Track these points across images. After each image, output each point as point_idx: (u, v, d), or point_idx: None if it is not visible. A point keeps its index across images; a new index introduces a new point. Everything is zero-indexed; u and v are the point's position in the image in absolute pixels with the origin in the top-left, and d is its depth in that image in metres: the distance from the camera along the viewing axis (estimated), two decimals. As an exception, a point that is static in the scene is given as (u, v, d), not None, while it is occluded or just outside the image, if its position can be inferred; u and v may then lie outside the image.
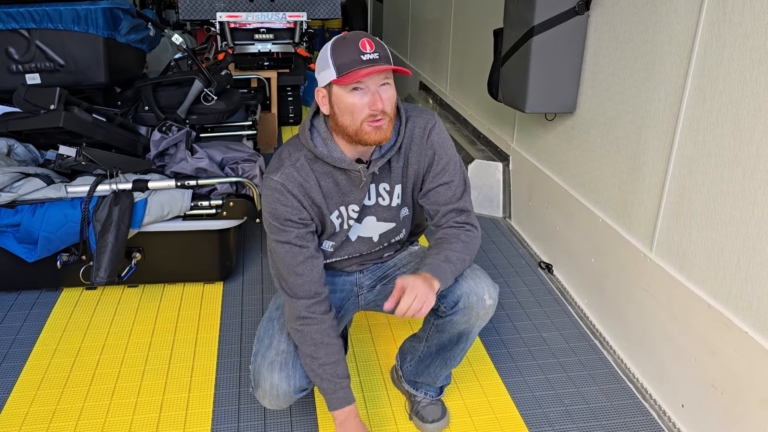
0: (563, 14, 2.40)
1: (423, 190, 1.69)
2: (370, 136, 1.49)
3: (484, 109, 3.68)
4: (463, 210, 1.67)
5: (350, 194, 1.63)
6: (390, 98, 1.49)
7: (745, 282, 1.63)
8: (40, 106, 2.67)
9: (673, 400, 1.95)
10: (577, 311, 2.54)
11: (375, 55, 1.43)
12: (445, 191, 1.66)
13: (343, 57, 1.43)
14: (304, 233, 1.60)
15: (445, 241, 1.64)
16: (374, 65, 1.42)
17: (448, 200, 1.66)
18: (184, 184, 2.53)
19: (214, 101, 3.20)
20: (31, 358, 2.23)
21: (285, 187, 1.56)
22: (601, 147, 2.37)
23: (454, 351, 1.77)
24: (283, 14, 4.49)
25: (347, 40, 1.45)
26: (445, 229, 1.67)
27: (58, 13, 2.79)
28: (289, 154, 1.60)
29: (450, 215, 1.67)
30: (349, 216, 1.67)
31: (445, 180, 1.65)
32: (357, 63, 1.42)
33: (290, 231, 1.58)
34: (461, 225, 1.66)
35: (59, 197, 2.42)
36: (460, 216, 1.67)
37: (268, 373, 1.62)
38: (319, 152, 1.56)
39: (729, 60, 1.67)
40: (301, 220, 1.59)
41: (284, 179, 1.56)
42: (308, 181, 1.58)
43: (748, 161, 1.61)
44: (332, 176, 1.60)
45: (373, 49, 1.44)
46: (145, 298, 2.61)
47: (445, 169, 1.65)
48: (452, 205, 1.66)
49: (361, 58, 1.42)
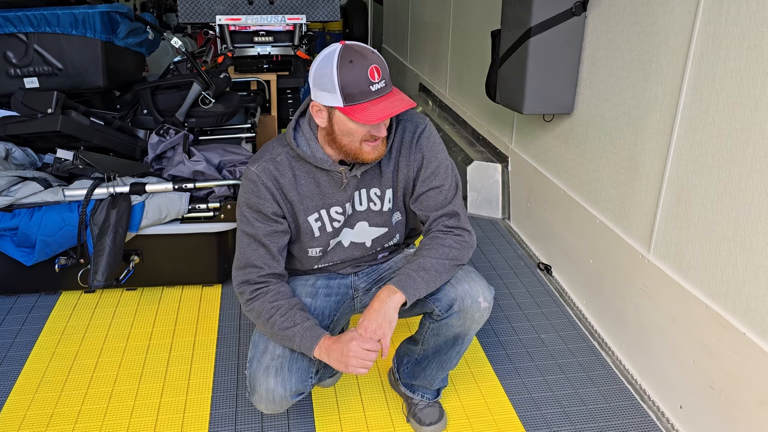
0: (560, 15, 2.40)
1: (414, 195, 1.68)
2: (369, 156, 1.52)
3: (483, 110, 3.68)
4: (453, 214, 1.66)
5: (332, 196, 1.63)
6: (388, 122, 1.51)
7: (742, 283, 1.63)
8: (38, 110, 2.67)
9: (671, 402, 1.94)
10: (576, 312, 2.54)
11: (382, 84, 1.43)
12: (436, 196, 1.65)
13: (351, 86, 1.40)
14: (272, 230, 1.61)
15: (425, 247, 1.64)
16: (383, 96, 1.43)
17: (438, 205, 1.66)
18: (181, 187, 2.53)
19: (212, 104, 3.20)
20: (29, 361, 2.23)
21: (260, 178, 1.58)
22: (598, 148, 2.37)
23: (450, 354, 1.76)
24: (283, 17, 4.49)
25: (354, 64, 1.40)
26: (432, 234, 1.66)
27: (56, 17, 2.80)
28: (272, 148, 1.61)
29: (440, 220, 1.66)
30: (332, 218, 1.66)
31: (436, 184, 1.65)
32: (366, 95, 1.41)
33: (259, 226, 1.60)
34: (450, 229, 1.65)
35: (57, 201, 2.42)
36: (450, 220, 1.66)
37: (263, 378, 1.62)
38: (301, 152, 1.57)
39: (725, 60, 1.67)
40: (273, 214, 1.60)
41: (260, 171, 1.58)
42: (284, 177, 1.59)
43: (745, 162, 1.60)
44: (314, 176, 1.61)
45: (381, 77, 1.43)
46: (143, 301, 2.61)
47: (435, 173, 1.65)
48: (442, 210, 1.66)
49: (371, 89, 1.41)
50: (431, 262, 1.60)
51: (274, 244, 1.62)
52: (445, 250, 1.62)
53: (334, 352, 1.53)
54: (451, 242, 1.63)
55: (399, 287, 1.55)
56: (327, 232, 1.68)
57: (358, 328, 1.55)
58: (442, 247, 1.62)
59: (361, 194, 1.66)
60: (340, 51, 1.42)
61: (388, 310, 1.54)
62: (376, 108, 1.41)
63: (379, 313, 1.53)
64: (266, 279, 1.62)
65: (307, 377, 1.64)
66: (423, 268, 1.58)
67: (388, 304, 1.54)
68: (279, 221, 1.62)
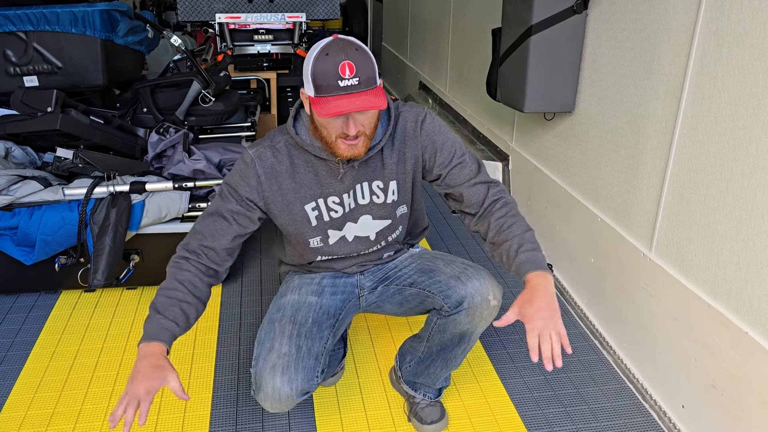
0: (561, 13, 2.39)
1: (439, 180, 1.67)
2: (343, 153, 1.50)
3: (484, 108, 3.67)
4: (488, 182, 1.65)
5: (329, 186, 1.63)
6: (367, 119, 1.47)
7: (744, 282, 1.62)
8: (38, 109, 2.66)
9: (673, 401, 1.94)
10: (577, 311, 2.53)
11: (354, 81, 1.38)
12: (460, 170, 1.64)
13: (321, 78, 1.39)
14: (239, 211, 1.60)
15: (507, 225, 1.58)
16: (351, 93, 1.38)
17: (467, 177, 1.64)
18: (181, 186, 2.52)
19: (212, 103, 3.20)
20: (30, 360, 2.22)
21: (254, 163, 1.58)
22: (600, 146, 2.36)
23: (455, 351, 1.76)
24: (283, 15, 4.49)
25: (329, 57, 1.39)
26: (493, 211, 1.62)
27: (56, 16, 2.79)
28: (273, 136, 1.62)
29: (478, 189, 1.63)
30: (330, 208, 1.65)
31: (456, 162, 1.65)
32: (333, 89, 1.38)
33: (231, 202, 1.60)
34: (498, 198, 1.63)
35: (56, 200, 2.41)
36: (490, 189, 1.64)
37: (270, 376, 1.61)
38: (300, 140, 1.57)
39: (727, 58, 1.66)
40: (248, 199, 1.60)
41: (257, 156, 1.58)
42: (281, 164, 1.59)
43: (747, 160, 1.60)
44: (312, 165, 1.60)
45: (353, 74, 1.38)
46: (143, 300, 2.61)
47: (452, 152, 1.64)
48: (474, 180, 1.64)
49: (338, 83, 1.38)
50: (528, 235, 1.57)
51: (235, 224, 1.60)
52: (522, 220, 1.60)
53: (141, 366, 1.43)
54: (513, 211, 1.61)
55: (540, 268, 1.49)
56: (324, 221, 1.67)
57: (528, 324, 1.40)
58: (519, 218, 1.60)
59: (363, 187, 1.65)
60: (326, 43, 1.42)
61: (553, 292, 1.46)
62: (336, 103, 1.39)
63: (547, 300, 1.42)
64: (199, 253, 1.58)
65: (313, 376, 1.63)
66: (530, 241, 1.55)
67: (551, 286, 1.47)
68: (251, 207, 1.61)
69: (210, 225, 1.61)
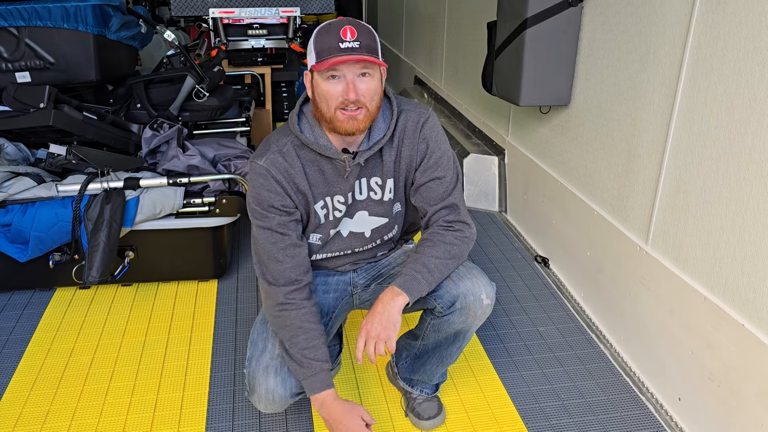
0: (557, 6, 2.38)
1: (415, 185, 1.67)
2: (343, 125, 1.48)
3: (480, 102, 3.67)
4: (453, 207, 1.64)
5: (336, 184, 1.62)
6: (368, 90, 1.46)
7: (741, 274, 1.62)
8: (30, 105, 2.64)
9: (670, 394, 1.94)
10: (574, 305, 2.53)
11: (355, 44, 1.41)
12: (437, 187, 1.63)
13: (322, 43, 1.43)
14: (287, 221, 1.59)
15: (426, 244, 1.62)
16: (351, 54, 1.40)
17: (439, 197, 1.64)
18: (176, 182, 2.51)
19: (206, 98, 3.18)
20: (25, 358, 2.21)
21: (269, 172, 1.55)
22: (596, 139, 2.36)
23: (451, 349, 1.75)
24: (277, 9, 4.47)
25: (331, 26, 1.44)
26: (433, 229, 1.65)
27: (48, 11, 2.76)
28: (277, 140, 1.59)
29: (440, 214, 1.65)
30: (335, 207, 1.65)
31: (437, 175, 1.63)
32: (334, 50, 1.41)
33: (272, 217, 1.57)
34: (450, 225, 1.64)
35: (50, 196, 2.40)
36: (450, 214, 1.64)
37: (263, 378, 1.60)
38: (305, 138, 1.55)
39: (723, 50, 1.66)
40: (283, 207, 1.58)
41: (269, 164, 1.56)
42: (294, 168, 1.57)
43: (743, 152, 1.59)
44: (318, 164, 1.59)
45: (354, 37, 1.41)
46: (138, 296, 2.60)
47: (438, 164, 1.63)
48: (442, 203, 1.64)
49: (339, 45, 1.41)
50: (434, 261, 1.58)
51: (292, 232, 1.60)
52: (447, 248, 1.60)
53: (333, 413, 1.58)
54: (452, 239, 1.62)
55: (403, 289, 1.54)
56: (329, 220, 1.67)
57: (361, 330, 1.54)
58: (444, 245, 1.61)
59: (362, 183, 1.65)
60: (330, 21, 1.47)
61: (392, 313, 1.53)
62: (336, 59, 1.41)
63: (383, 316, 1.52)
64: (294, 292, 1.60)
65: None
66: (426, 267, 1.57)
67: (392, 306, 1.53)
68: (291, 212, 1.60)
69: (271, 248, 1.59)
